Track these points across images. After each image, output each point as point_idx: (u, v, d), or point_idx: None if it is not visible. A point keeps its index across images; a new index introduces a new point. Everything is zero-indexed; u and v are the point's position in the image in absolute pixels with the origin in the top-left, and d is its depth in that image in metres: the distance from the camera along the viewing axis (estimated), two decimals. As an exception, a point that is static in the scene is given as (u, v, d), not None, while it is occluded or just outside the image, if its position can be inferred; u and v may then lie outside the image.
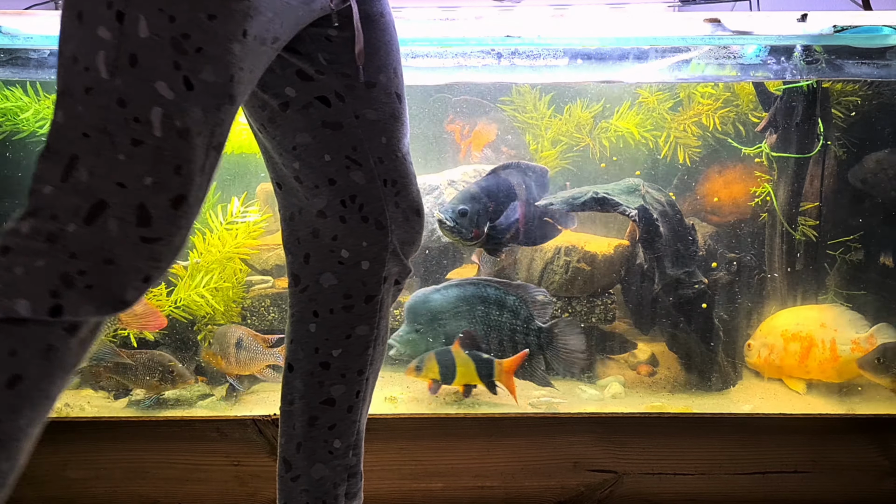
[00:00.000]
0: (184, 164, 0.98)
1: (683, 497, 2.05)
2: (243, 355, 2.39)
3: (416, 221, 1.35)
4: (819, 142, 2.65)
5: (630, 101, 3.10)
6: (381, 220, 1.30)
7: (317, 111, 1.25)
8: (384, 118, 1.28)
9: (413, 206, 1.34)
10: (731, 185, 3.02)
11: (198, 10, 0.95)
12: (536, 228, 2.27)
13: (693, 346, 2.62)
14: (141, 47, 0.94)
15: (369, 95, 1.26)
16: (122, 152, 0.95)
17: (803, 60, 2.32)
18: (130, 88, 0.94)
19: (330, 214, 1.30)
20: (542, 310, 2.39)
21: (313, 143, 1.26)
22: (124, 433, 2.02)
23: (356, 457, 1.39)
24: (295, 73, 1.23)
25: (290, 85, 1.24)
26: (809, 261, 2.77)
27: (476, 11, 2.17)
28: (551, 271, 2.73)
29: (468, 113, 3.13)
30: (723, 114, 3.02)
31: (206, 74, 0.97)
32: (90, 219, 0.95)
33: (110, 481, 2.01)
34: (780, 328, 2.53)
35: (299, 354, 1.35)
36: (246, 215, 2.63)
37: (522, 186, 2.26)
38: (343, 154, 1.27)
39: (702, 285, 2.56)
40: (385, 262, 1.32)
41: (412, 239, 1.35)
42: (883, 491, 2.06)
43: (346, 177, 1.28)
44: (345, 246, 1.31)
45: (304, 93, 1.24)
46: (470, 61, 2.31)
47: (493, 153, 3.12)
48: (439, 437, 2.05)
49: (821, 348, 2.45)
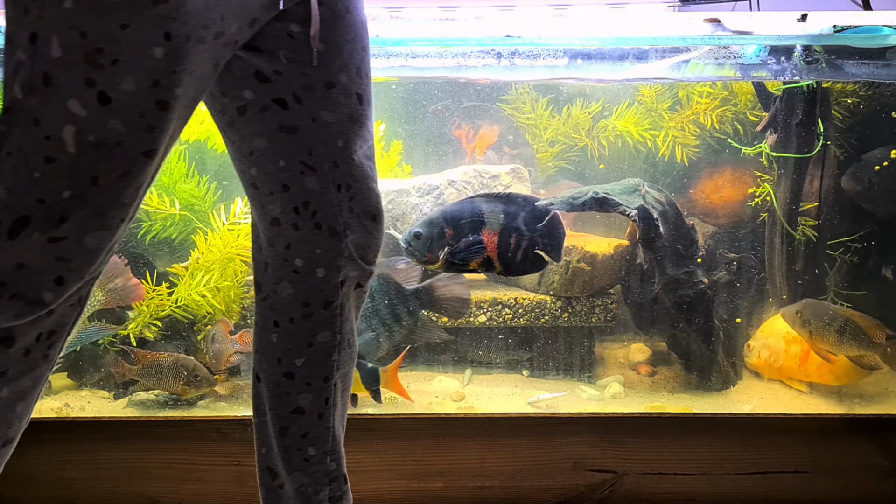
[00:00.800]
0: (101, 175, 1.00)
1: (683, 497, 2.05)
2: (215, 349, 2.41)
3: (373, 226, 1.32)
4: (819, 142, 2.65)
5: (629, 101, 3.11)
6: (334, 226, 1.28)
7: (273, 114, 1.22)
8: (342, 120, 1.24)
9: (369, 211, 1.31)
10: (724, 187, 3.03)
11: (109, 21, 0.95)
12: (521, 261, 2.25)
13: (693, 346, 2.62)
14: (54, 66, 0.95)
15: (328, 96, 1.23)
16: (38, 170, 0.97)
17: (803, 60, 2.32)
18: (44, 108, 0.96)
19: (284, 222, 1.27)
20: (407, 275, 2.40)
21: (269, 147, 1.24)
22: (124, 433, 2.02)
23: (335, 461, 1.38)
24: (253, 74, 1.20)
25: (248, 87, 1.21)
26: (809, 261, 2.78)
27: (476, 11, 2.17)
28: (551, 271, 2.73)
29: (473, 118, 3.15)
30: (720, 113, 3.03)
31: (126, 84, 0.97)
32: (13, 234, 0.99)
33: (110, 481, 2.01)
34: (782, 330, 2.53)
35: (264, 365, 1.35)
36: (247, 216, 2.63)
37: (499, 216, 2.21)
38: (297, 159, 1.24)
39: (702, 285, 2.56)
40: (341, 267, 1.30)
41: (369, 243, 1.32)
42: (883, 491, 2.06)
43: (300, 183, 1.25)
44: (298, 255, 1.28)
45: (261, 95, 1.21)
46: (470, 61, 2.31)
47: (495, 154, 3.14)
48: (439, 437, 2.05)
49: None
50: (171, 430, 2.02)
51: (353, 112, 1.25)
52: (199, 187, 2.81)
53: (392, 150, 3.02)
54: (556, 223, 2.28)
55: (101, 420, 2.10)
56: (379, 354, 2.37)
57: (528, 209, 2.23)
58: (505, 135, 3.16)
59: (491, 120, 3.14)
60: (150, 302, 2.55)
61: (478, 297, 2.74)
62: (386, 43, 2.15)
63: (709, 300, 2.58)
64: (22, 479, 1.95)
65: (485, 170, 2.89)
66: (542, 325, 2.72)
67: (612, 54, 2.34)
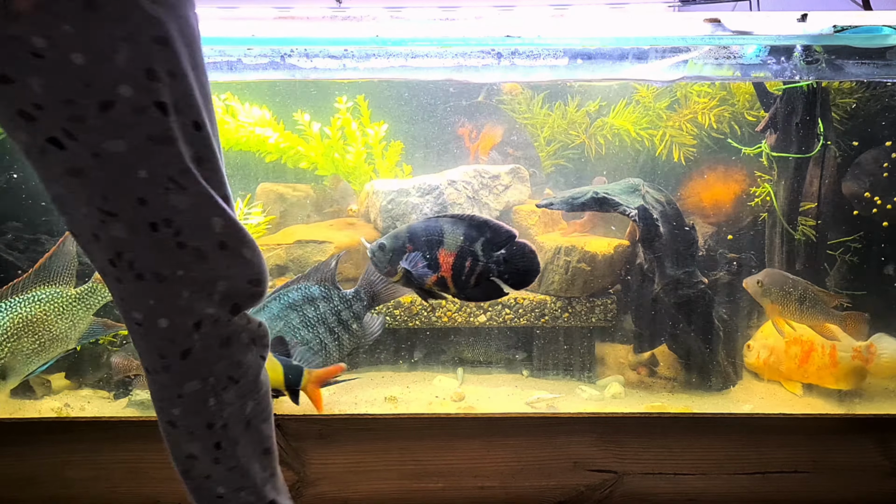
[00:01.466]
0: None
1: (683, 497, 2.05)
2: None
3: (221, 255, 1.11)
4: (819, 142, 2.65)
5: (626, 100, 3.11)
6: (160, 272, 1.08)
7: (54, 157, 1.00)
8: (139, 144, 1.00)
9: (212, 240, 1.10)
10: (714, 186, 3.04)
11: None
12: (475, 286, 2.17)
13: (693, 346, 2.62)
14: None
15: (107, 120, 0.98)
16: None
17: (803, 60, 2.32)
18: None
19: (107, 273, 1.10)
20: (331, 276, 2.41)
21: (67, 194, 1.04)
22: (124, 433, 2.02)
23: (254, 494, 1.28)
24: (17, 113, 0.98)
25: (19, 129, 1.00)
26: (809, 260, 2.78)
27: (476, 11, 2.17)
28: (551, 271, 2.73)
29: (476, 117, 3.16)
30: (718, 112, 3.03)
31: None
32: None
33: (110, 481, 2.00)
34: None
35: (155, 407, 1.25)
36: (248, 216, 2.63)
37: (458, 237, 2.16)
38: (94, 206, 1.03)
39: (702, 285, 2.56)
40: (185, 312, 1.12)
41: (222, 275, 1.13)
42: (883, 491, 2.06)
43: (107, 232, 1.05)
44: (134, 308, 1.11)
45: (34, 136, 1.00)
46: (470, 61, 2.31)
47: (498, 154, 3.14)
48: (439, 437, 2.05)
49: (821, 353, 2.45)
50: (171, 430, 2.02)
51: (152, 130, 1.01)
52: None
53: (391, 150, 3.02)
54: (522, 254, 2.16)
55: (101, 420, 2.10)
56: (329, 361, 2.33)
57: (490, 235, 2.19)
58: (508, 135, 3.17)
59: (493, 120, 3.14)
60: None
61: (478, 297, 2.74)
62: (386, 43, 2.15)
63: (709, 300, 2.58)
64: (22, 479, 1.95)
65: (485, 170, 2.90)
66: (542, 325, 2.72)
67: (613, 54, 2.34)
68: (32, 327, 2.02)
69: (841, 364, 2.41)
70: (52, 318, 2.04)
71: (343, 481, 2.00)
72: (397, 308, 2.72)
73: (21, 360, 2.01)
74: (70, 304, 2.07)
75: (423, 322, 2.72)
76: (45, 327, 2.03)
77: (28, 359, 2.02)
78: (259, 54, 2.21)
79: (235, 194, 2.74)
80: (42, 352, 2.04)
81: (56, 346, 2.05)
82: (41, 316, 2.03)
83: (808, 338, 2.46)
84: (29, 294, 2.04)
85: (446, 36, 2.19)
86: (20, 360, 2.01)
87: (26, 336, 2.01)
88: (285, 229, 3.08)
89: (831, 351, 2.43)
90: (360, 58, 2.24)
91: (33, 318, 2.02)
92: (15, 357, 2.00)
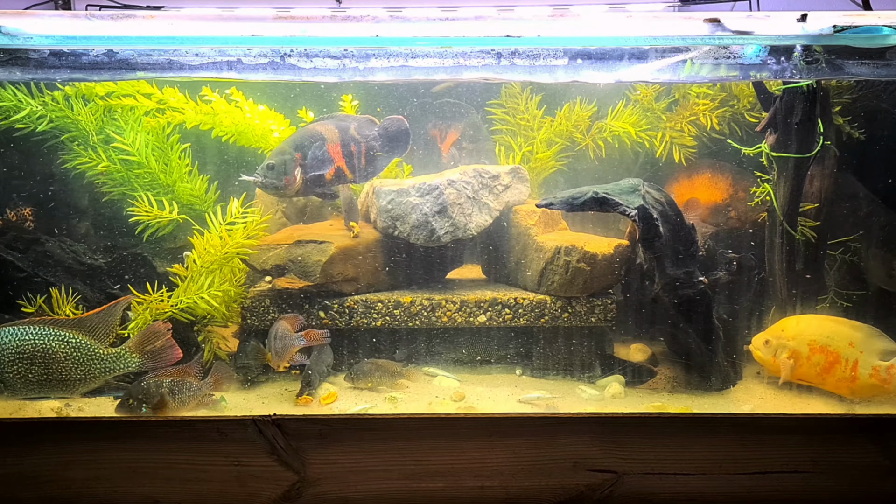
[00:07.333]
0: None
1: (683, 497, 2.05)
2: (278, 345, 2.44)
3: None
4: (819, 142, 2.65)
5: (624, 101, 3.12)
6: None
7: None
8: None
9: None
10: (700, 189, 3.05)
11: None
12: (367, 163, 2.60)
13: (693, 346, 2.62)
14: None
15: None
16: None
17: (803, 60, 2.32)
18: None
19: None
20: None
21: None
22: (124, 433, 2.02)
23: None
24: None
25: None
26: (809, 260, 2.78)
27: (476, 11, 2.17)
28: (551, 271, 2.73)
29: (447, 116, 3.20)
30: (718, 113, 3.03)
31: None
32: None
33: (110, 481, 2.00)
34: (808, 336, 2.49)
35: None
36: (245, 215, 2.63)
37: (334, 131, 2.52)
38: None
39: (702, 285, 2.56)
40: None
41: None
42: (883, 491, 2.06)
43: None
44: None
45: None
46: (470, 61, 2.31)
47: (457, 151, 3.22)
48: (439, 437, 2.05)
49: (843, 366, 2.44)
50: (171, 431, 2.02)
51: None
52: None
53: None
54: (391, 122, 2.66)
55: (101, 420, 2.10)
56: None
57: (356, 122, 2.60)
58: (465, 131, 3.25)
59: (459, 119, 3.21)
60: (149, 305, 2.56)
61: (478, 296, 2.74)
62: (386, 43, 2.15)
63: (709, 300, 2.58)
64: (22, 479, 1.95)
65: (485, 170, 2.89)
66: (542, 325, 2.72)
67: (612, 54, 2.34)
68: (47, 361, 2.07)
69: (860, 380, 2.41)
70: (69, 364, 2.09)
71: (343, 481, 2.00)
72: (397, 308, 2.72)
73: (22, 382, 2.06)
74: (91, 359, 2.12)
75: (423, 322, 2.72)
76: (58, 368, 2.08)
77: (28, 385, 2.07)
78: (259, 54, 2.21)
79: (234, 192, 2.75)
80: (45, 386, 2.09)
81: (59, 388, 2.11)
82: (61, 357, 2.08)
83: (835, 349, 2.46)
84: (63, 332, 2.09)
85: (446, 36, 2.19)
86: (21, 382, 2.06)
87: (38, 365, 2.06)
88: (285, 229, 3.08)
89: (853, 365, 2.43)
90: (360, 58, 2.25)
91: (53, 354, 2.07)
92: (17, 377, 2.05)
